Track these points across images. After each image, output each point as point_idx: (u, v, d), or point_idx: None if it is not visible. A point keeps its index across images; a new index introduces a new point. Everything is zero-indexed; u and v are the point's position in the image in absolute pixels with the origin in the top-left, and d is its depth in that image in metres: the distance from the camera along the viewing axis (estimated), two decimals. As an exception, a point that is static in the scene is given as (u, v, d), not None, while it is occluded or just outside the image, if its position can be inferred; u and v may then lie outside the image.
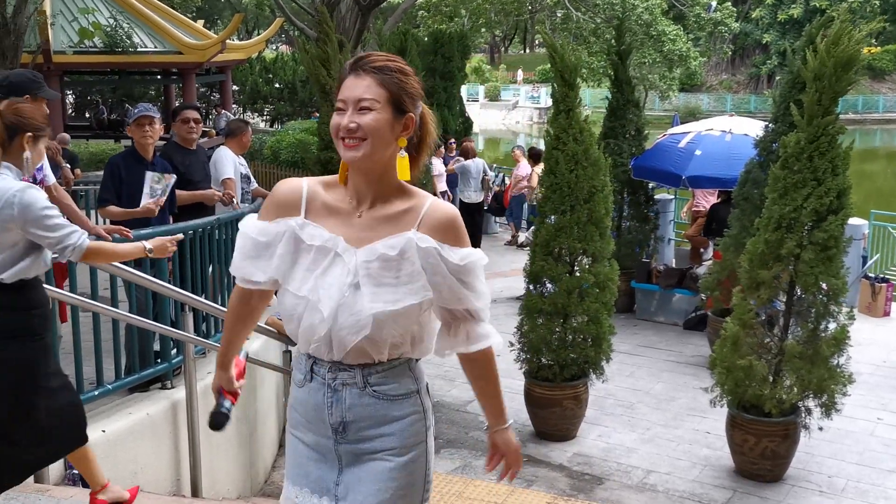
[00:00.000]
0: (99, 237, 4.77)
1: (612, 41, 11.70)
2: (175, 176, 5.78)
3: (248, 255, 2.30)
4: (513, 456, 2.52)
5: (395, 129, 2.21)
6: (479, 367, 2.39)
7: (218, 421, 2.63)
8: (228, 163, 7.24)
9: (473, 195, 14.84)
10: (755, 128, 9.92)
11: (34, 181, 4.65)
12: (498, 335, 2.37)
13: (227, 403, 2.63)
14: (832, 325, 6.26)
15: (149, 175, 5.51)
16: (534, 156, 15.02)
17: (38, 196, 3.39)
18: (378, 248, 2.20)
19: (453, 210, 2.28)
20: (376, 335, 2.18)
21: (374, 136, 2.17)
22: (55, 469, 4.18)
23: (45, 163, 4.85)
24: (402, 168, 2.25)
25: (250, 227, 2.33)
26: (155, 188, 5.49)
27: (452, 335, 2.32)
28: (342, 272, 2.21)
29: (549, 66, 7.50)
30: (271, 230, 2.28)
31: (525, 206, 15.43)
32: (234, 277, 2.40)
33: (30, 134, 3.53)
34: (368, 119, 2.17)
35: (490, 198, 16.02)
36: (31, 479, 4.05)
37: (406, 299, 2.19)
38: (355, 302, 2.18)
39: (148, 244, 3.97)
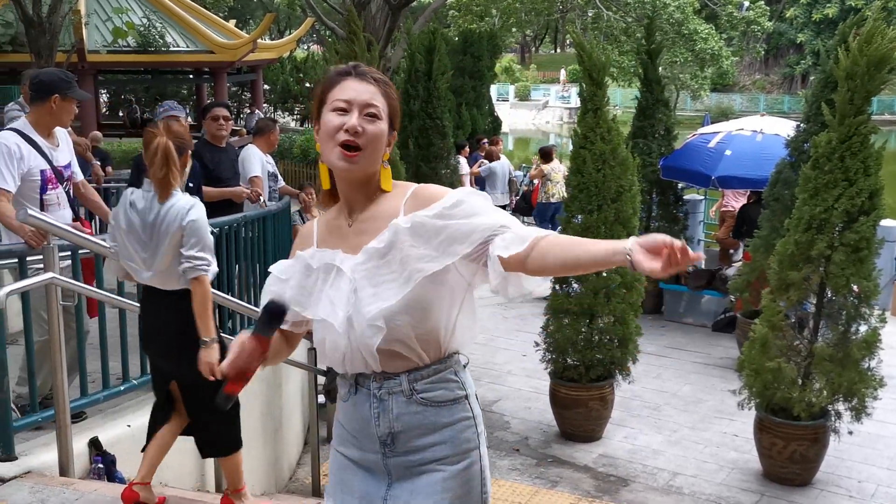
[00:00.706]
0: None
1: (643, 40, 11.63)
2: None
3: (268, 290, 2.32)
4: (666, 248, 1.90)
5: (385, 143, 2.20)
6: (548, 244, 2.04)
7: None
8: (256, 161, 7.28)
9: (501, 197, 14.82)
10: (786, 127, 9.81)
11: (62, 178, 4.69)
12: (540, 230, 2.09)
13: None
14: (863, 328, 6.17)
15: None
16: (544, 154, 14.96)
17: (204, 214, 3.85)
18: (370, 246, 2.15)
19: (437, 188, 2.19)
20: (394, 332, 2.11)
21: (373, 146, 2.15)
22: (80, 463, 4.22)
23: (74, 160, 4.91)
24: (386, 178, 2.22)
25: (275, 267, 2.35)
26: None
27: (494, 263, 2.06)
28: (345, 282, 2.17)
29: (578, 65, 7.45)
30: (288, 266, 2.31)
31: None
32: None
33: (189, 152, 4.03)
34: (374, 127, 2.14)
35: (515, 199, 15.95)
36: (57, 472, 4.09)
37: (404, 288, 2.10)
38: (360, 306, 2.13)
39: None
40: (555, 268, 2.04)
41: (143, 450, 4.08)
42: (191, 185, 5.77)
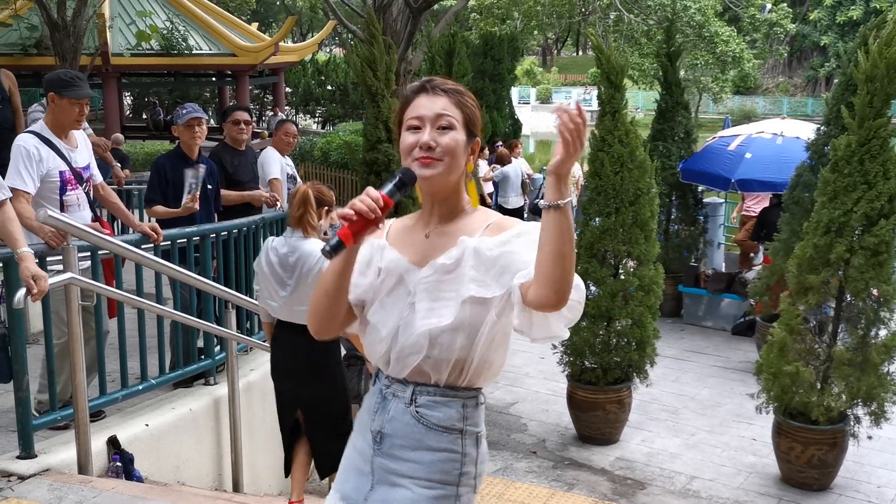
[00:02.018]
0: (145, 234, 4.87)
1: (663, 43, 11.61)
2: (205, 166, 5.78)
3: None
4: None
5: (465, 152, 2.18)
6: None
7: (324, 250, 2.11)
8: (275, 164, 7.31)
9: (513, 199, 14.80)
10: (807, 130, 9.76)
11: (82, 179, 4.74)
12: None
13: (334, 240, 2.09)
14: (882, 332, 6.14)
15: (186, 173, 5.58)
16: None
17: None
18: (438, 261, 2.15)
19: (515, 220, 2.21)
20: (433, 351, 2.12)
21: (451, 156, 2.14)
22: (98, 461, 4.26)
23: (93, 161, 4.95)
24: (472, 194, 2.22)
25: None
26: (191, 184, 5.55)
27: (513, 297, 2.07)
28: (403, 292, 2.18)
29: (597, 67, 7.45)
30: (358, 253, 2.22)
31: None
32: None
33: (327, 209, 4.51)
34: (448, 139, 2.14)
35: (535, 201, 15.89)
36: (75, 469, 4.14)
37: (459, 311, 2.10)
38: (412, 319, 2.14)
39: None
40: (549, 268, 1.98)
41: (287, 475, 4.85)
42: (209, 187, 5.83)
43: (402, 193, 2.10)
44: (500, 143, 16.35)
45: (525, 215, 15.89)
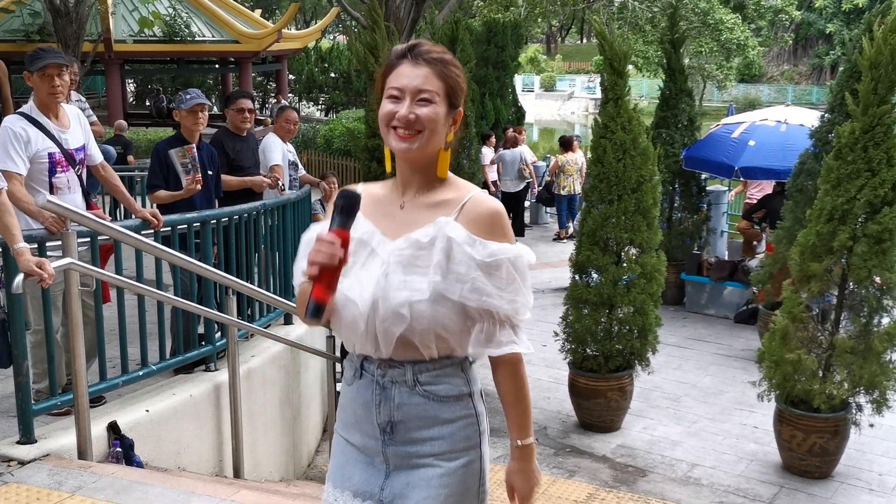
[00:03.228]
0: (145, 220, 4.86)
1: (667, 30, 11.55)
2: (194, 146, 5.74)
3: (302, 255, 2.22)
4: (523, 494, 2.27)
5: (447, 122, 2.16)
6: (500, 375, 2.23)
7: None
8: (276, 149, 7.30)
9: (510, 184, 14.81)
10: (811, 118, 9.72)
11: (74, 161, 4.67)
12: (526, 343, 2.19)
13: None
14: (885, 320, 6.12)
15: (172, 155, 5.52)
16: (563, 143, 14.89)
17: None
18: (413, 236, 2.12)
19: (496, 205, 2.18)
20: (417, 324, 2.09)
21: (431, 129, 2.11)
22: (98, 446, 4.26)
23: (90, 142, 4.89)
24: (444, 163, 2.18)
25: (311, 229, 2.28)
26: (185, 163, 5.51)
27: (476, 333, 2.16)
28: (377, 264, 2.14)
29: (600, 54, 7.41)
30: (311, 236, 2.21)
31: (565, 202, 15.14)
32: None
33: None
34: (428, 111, 2.11)
35: (535, 188, 15.84)
36: (75, 455, 4.14)
37: (434, 285, 2.08)
38: (388, 292, 2.11)
39: None
40: (497, 384, 2.26)
41: None
42: (210, 173, 5.82)
43: (351, 217, 2.07)
44: (511, 128, 16.30)
45: (527, 202, 15.88)
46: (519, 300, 2.13)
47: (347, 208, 2.06)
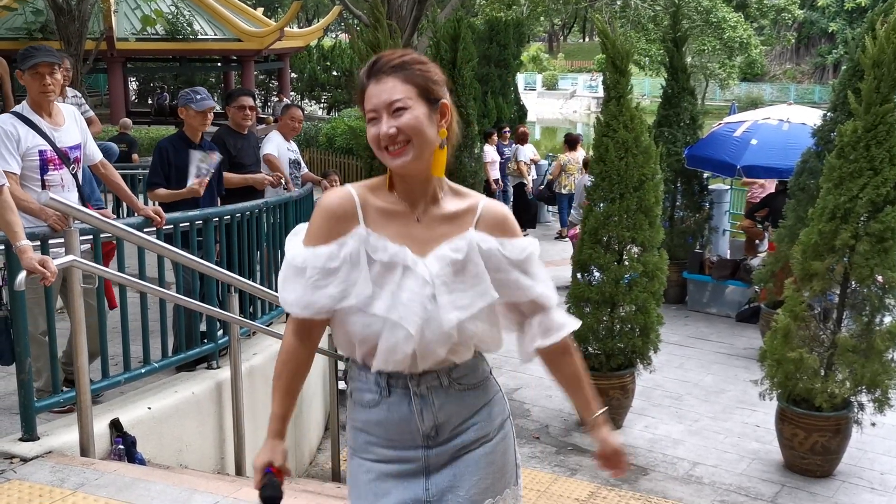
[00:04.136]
0: (147, 217, 4.86)
1: (670, 28, 11.54)
2: (220, 155, 5.80)
3: (315, 284, 2.10)
4: (614, 459, 2.43)
5: (433, 120, 2.11)
6: (562, 359, 2.36)
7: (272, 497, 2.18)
8: (271, 143, 7.33)
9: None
10: (813, 117, 9.71)
11: (68, 159, 4.65)
12: (573, 319, 2.34)
13: (275, 480, 2.18)
14: (887, 319, 6.11)
15: (194, 154, 5.56)
16: (569, 141, 14.87)
17: None
18: (446, 253, 2.12)
19: (505, 207, 2.29)
20: (462, 341, 2.16)
21: (416, 134, 2.07)
22: (101, 444, 4.27)
23: (88, 141, 4.86)
24: (439, 163, 2.14)
25: (310, 255, 2.11)
26: (200, 167, 5.53)
27: (528, 332, 2.31)
28: (418, 285, 2.10)
29: (602, 53, 7.41)
30: (341, 252, 2.10)
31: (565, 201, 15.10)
32: (279, 256, 2.34)
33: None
34: (406, 118, 2.07)
35: (528, 187, 15.75)
36: (78, 452, 4.15)
37: (477, 302, 2.14)
38: (438, 314, 2.11)
39: None
40: (548, 370, 2.39)
41: None
42: (212, 170, 5.82)
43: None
44: (508, 129, 16.29)
45: (530, 197, 15.84)
46: (551, 284, 2.29)
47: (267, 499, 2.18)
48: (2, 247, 4.03)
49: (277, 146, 7.36)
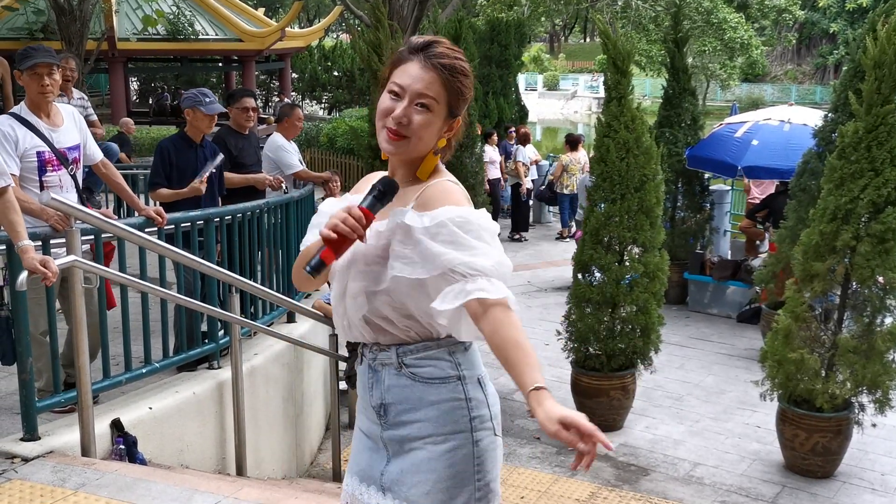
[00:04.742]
0: (149, 217, 4.87)
1: (671, 29, 11.54)
2: (222, 155, 5.85)
3: (312, 225, 2.33)
4: (572, 436, 1.87)
5: (441, 130, 2.14)
6: (487, 323, 2.00)
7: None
8: (292, 154, 7.38)
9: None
10: (814, 117, 9.71)
11: (66, 160, 4.65)
12: (503, 290, 2.01)
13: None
14: (888, 320, 6.11)
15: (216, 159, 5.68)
16: (570, 142, 14.86)
17: None
18: (374, 226, 2.12)
19: (449, 186, 2.15)
20: (376, 310, 2.15)
21: (419, 136, 2.10)
22: (102, 443, 4.27)
23: (88, 141, 4.85)
24: (427, 166, 2.16)
25: (329, 202, 2.37)
26: (211, 170, 5.62)
27: (446, 293, 2.03)
28: (350, 253, 2.17)
29: (604, 53, 7.41)
30: (332, 209, 2.23)
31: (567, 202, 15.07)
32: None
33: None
34: (421, 119, 2.09)
35: (524, 188, 15.71)
36: (79, 452, 4.15)
37: (382, 277, 2.12)
38: (350, 280, 2.18)
39: None
40: (488, 342, 2.04)
41: None
42: (213, 170, 5.83)
43: (383, 204, 2.10)
44: (520, 128, 16.29)
45: (531, 201, 15.83)
46: (479, 252, 2.03)
47: (381, 194, 2.10)
48: (3, 247, 4.03)
49: (297, 155, 7.47)
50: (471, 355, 2.24)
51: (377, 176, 2.27)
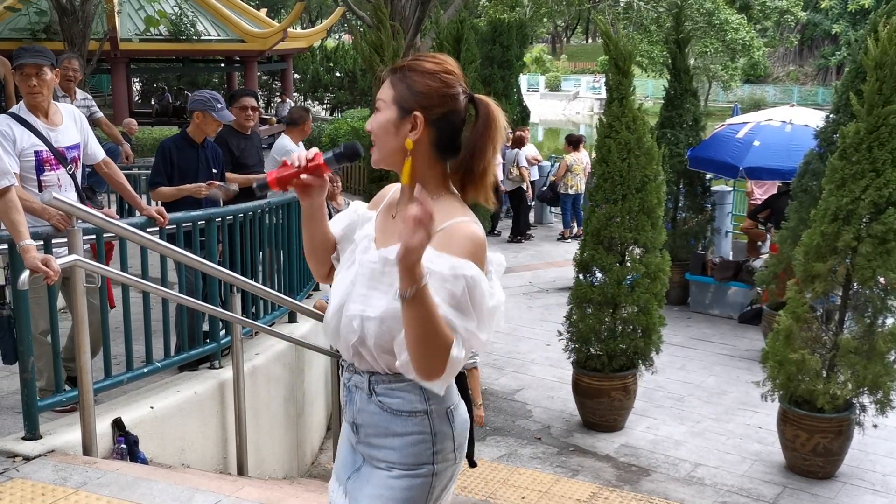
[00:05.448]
0: (150, 217, 4.87)
1: (672, 30, 11.54)
2: (236, 188, 5.91)
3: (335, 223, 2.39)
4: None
5: (400, 129, 2.11)
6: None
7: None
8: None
9: (507, 183, 14.92)
10: (816, 118, 9.71)
11: (65, 160, 4.65)
12: (459, 349, 1.97)
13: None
14: (889, 321, 6.12)
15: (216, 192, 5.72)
16: (571, 142, 14.85)
17: None
18: (386, 252, 2.10)
19: (473, 230, 2.07)
20: (368, 339, 2.10)
21: (377, 137, 2.14)
22: (103, 443, 4.28)
23: (89, 140, 4.86)
24: (404, 170, 2.13)
25: (352, 206, 2.40)
26: (217, 194, 5.67)
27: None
28: (352, 272, 2.19)
29: (605, 54, 7.42)
30: (342, 217, 2.37)
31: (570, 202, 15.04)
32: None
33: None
34: (376, 118, 2.15)
35: (528, 192, 15.68)
36: (80, 451, 4.16)
37: (382, 306, 2.08)
38: (349, 301, 2.15)
39: None
40: (412, 349, 1.97)
41: None
42: (215, 171, 5.84)
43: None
44: (516, 131, 16.28)
45: (532, 202, 15.83)
46: (468, 321, 2.00)
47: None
48: (5, 246, 4.04)
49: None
50: (446, 390, 2.17)
51: (395, 188, 2.30)
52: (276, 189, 2.19)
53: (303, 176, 2.18)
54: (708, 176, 11.17)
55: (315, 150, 2.20)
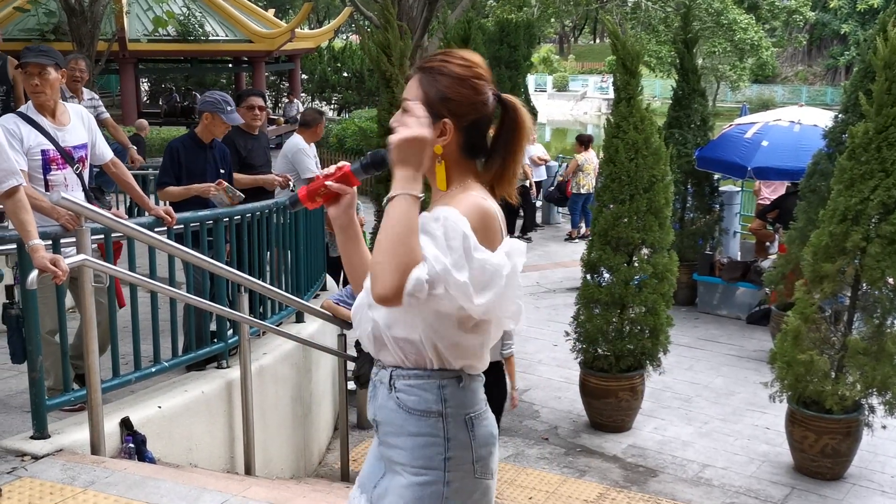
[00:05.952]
0: (159, 217, 4.88)
1: (680, 30, 11.52)
2: (241, 195, 5.91)
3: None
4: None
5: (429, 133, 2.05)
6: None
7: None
8: (309, 159, 7.43)
9: None
10: (824, 118, 9.69)
11: (72, 159, 4.66)
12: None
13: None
14: (898, 322, 6.09)
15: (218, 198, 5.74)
16: (582, 142, 14.85)
17: None
18: None
19: (480, 202, 2.07)
20: (378, 326, 2.12)
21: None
22: (111, 442, 4.29)
23: (97, 140, 4.87)
24: (438, 176, 2.12)
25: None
26: (223, 199, 5.68)
27: None
28: None
29: (613, 54, 7.40)
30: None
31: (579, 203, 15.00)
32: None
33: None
34: (400, 120, 2.07)
35: (532, 190, 15.63)
36: (88, 450, 4.17)
37: None
38: (365, 292, 2.16)
39: None
40: (376, 255, 1.98)
41: None
42: (222, 171, 5.85)
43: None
44: None
45: (537, 202, 15.81)
46: (444, 257, 1.95)
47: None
48: (14, 246, 4.05)
49: (315, 160, 7.56)
50: (464, 392, 2.15)
51: None
52: (306, 202, 2.17)
53: (329, 183, 2.16)
54: (716, 176, 11.15)
55: (343, 162, 2.19)
